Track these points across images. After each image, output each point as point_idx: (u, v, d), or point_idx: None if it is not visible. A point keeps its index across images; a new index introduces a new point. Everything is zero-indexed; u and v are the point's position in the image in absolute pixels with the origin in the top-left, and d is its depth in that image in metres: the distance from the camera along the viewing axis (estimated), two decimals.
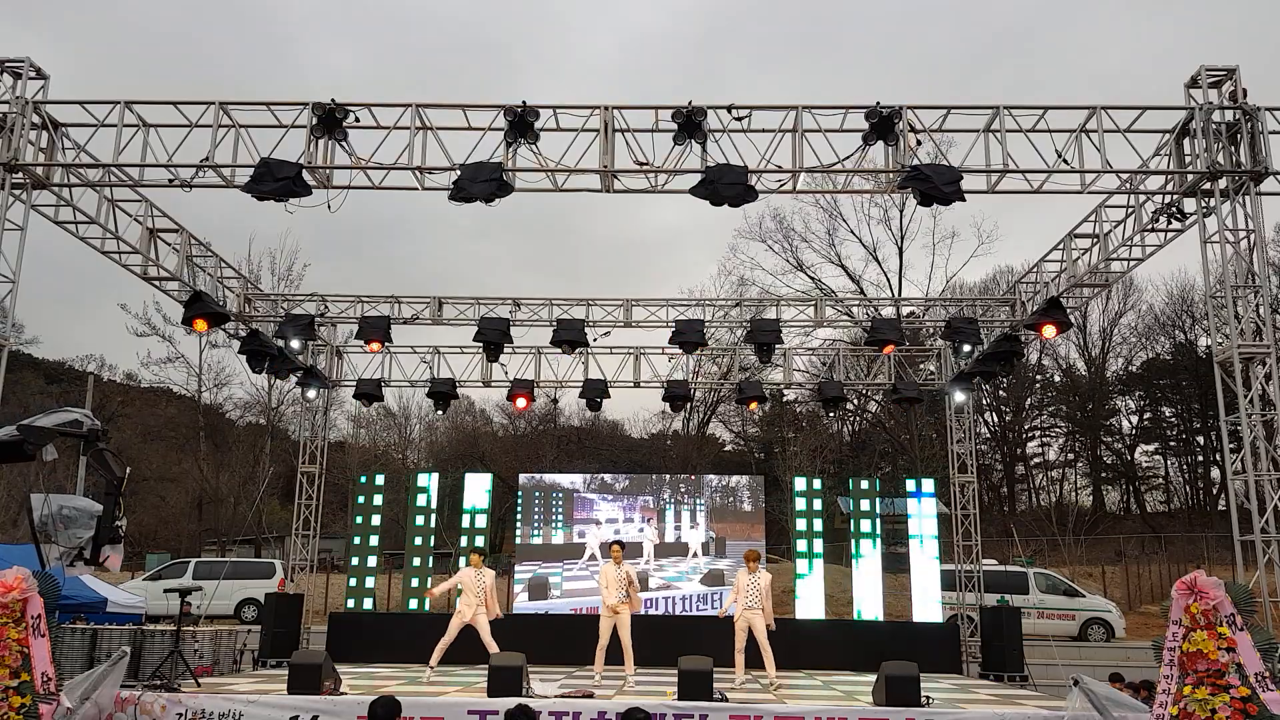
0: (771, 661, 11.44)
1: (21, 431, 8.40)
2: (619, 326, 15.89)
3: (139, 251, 12.66)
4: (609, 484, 18.30)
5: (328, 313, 15.97)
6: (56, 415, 9.10)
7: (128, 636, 12.25)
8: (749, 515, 18.07)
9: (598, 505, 17.76)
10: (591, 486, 18.05)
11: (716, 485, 18.57)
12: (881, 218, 36.07)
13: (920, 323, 27.01)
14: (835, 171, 10.86)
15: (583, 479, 18.31)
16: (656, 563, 17.41)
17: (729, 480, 19.33)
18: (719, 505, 17.93)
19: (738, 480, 19.39)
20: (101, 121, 10.75)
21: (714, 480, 18.97)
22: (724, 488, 18.55)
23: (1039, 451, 43.40)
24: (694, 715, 8.85)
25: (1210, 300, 10.91)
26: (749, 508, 18.19)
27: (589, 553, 17.31)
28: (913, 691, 9.10)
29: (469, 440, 39.81)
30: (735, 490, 18.54)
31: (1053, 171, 10.73)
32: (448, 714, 8.91)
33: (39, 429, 8.51)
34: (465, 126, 10.80)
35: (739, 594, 11.60)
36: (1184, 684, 6.70)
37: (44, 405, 36.41)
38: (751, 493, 18.47)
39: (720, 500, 18.07)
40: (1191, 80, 10.68)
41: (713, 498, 17.94)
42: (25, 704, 6.82)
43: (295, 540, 16.75)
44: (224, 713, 9.00)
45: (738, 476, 20.27)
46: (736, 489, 18.59)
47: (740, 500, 18.22)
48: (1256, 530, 9.65)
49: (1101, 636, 21.04)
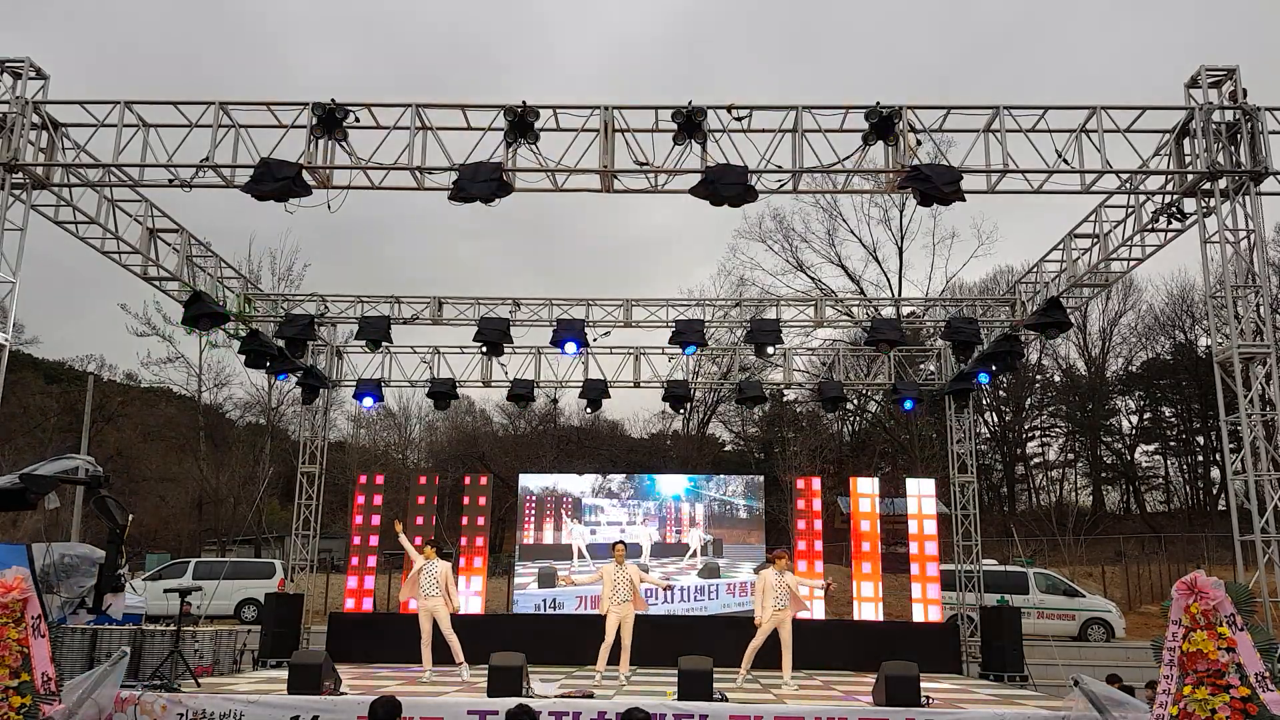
0: (790, 664, 11.39)
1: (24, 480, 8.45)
2: (619, 326, 15.90)
3: (139, 251, 12.66)
4: (609, 484, 18.30)
5: (328, 313, 15.97)
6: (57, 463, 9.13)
7: (128, 636, 12.23)
8: (748, 517, 18.07)
9: (597, 505, 17.76)
10: (594, 488, 18.05)
11: (715, 485, 18.57)
12: (881, 218, 36.12)
13: (920, 323, 27.03)
14: (835, 171, 10.86)
15: (590, 482, 18.28)
16: (656, 560, 17.43)
17: (727, 480, 19.33)
18: (718, 508, 17.94)
19: (737, 480, 19.39)
20: (101, 121, 10.76)
21: (713, 480, 18.97)
22: (723, 488, 18.54)
23: (1039, 451, 43.42)
24: (694, 715, 8.84)
25: (1210, 300, 10.91)
26: (747, 510, 18.18)
27: (576, 551, 17.36)
28: (913, 691, 9.09)
29: (469, 440, 39.80)
30: (734, 491, 18.53)
31: (1053, 171, 10.73)
32: (448, 714, 8.91)
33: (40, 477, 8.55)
34: (465, 126, 10.81)
35: (767, 593, 11.25)
36: (1184, 684, 6.70)
37: (44, 405, 36.41)
38: (751, 493, 18.46)
39: (719, 500, 18.07)
40: (1191, 80, 10.68)
41: (711, 504, 17.94)
42: (25, 704, 6.82)
43: (295, 540, 16.75)
44: (224, 713, 8.99)
45: (737, 477, 20.27)
46: (735, 489, 18.59)
47: (737, 505, 18.20)
48: (1256, 530, 9.65)
49: (1101, 636, 21.04)
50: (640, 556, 17.10)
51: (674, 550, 17.57)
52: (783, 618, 11.24)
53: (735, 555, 17.50)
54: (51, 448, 33.31)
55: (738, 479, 19.20)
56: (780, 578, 11.31)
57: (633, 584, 11.40)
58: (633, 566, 11.68)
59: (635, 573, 11.60)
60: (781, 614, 11.23)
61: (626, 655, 11.44)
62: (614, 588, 11.35)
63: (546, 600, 16.97)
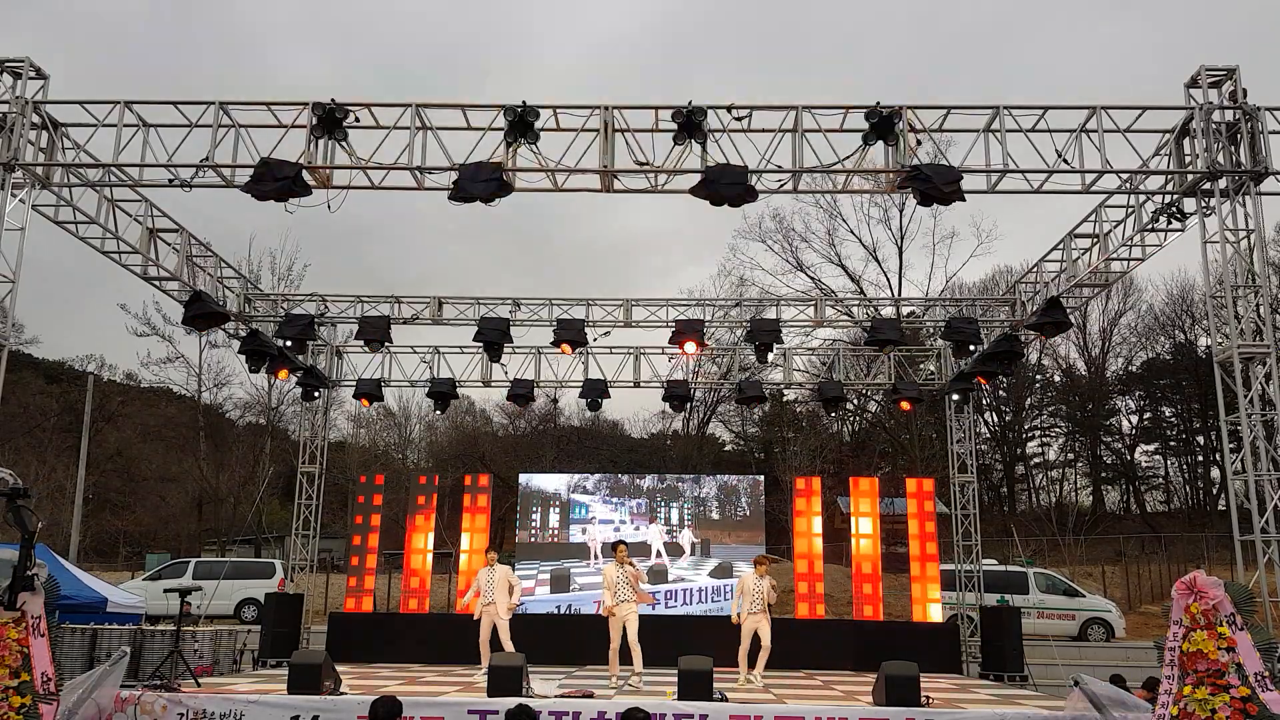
0: (763, 663, 11.69)
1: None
2: (619, 326, 15.89)
3: (139, 251, 12.65)
4: (608, 484, 18.29)
5: (328, 313, 15.96)
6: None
7: (128, 636, 12.26)
8: (748, 517, 18.06)
9: (598, 506, 17.76)
10: (597, 487, 18.03)
11: (715, 486, 18.55)
12: (881, 218, 36.06)
13: (920, 323, 27.01)
14: (835, 171, 10.85)
15: (594, 483, 18.26)
16: (669, 559, 17.42)
17: (727, 480, 19.32)
18: (716, 508, 17.93)
19: (736, 480, 19.38)
20: (101, 121, 10.74)
21: (712, 480, 18.95)
22: (722, 488, 18.52)
23: (1039, 451, 43.43)
24: (694, 715, 8.84)
25: (1210, 300, 10.91)
26: (747, 510, 18.16)
27: (593, 552, 17.33)
28: (913, 691, 9.09)
29: (469, 440, 39.80)
30: (734, 491, 18.51)
31: (1053, 171, 10.72)
32: (448, 714, 8.90)
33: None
34: (465, 126, 10.80)
35: (745, 597, 11.81)
36: (1184, 684, 6.70)
37: (44, 405, 36.36)
38: (750, 493, 18.45)
39: (719, 501, 18.05)
40: (1191, 80, 10.67)
41: (705, 503, 17.91)
42: (25, 704, 6.81)
43: (295, 540, 16.75)
44: (224, 713, 8.99)
45: (736, 477, 20.26)
46: (735, 489, 18.57)
47: (737, 505, 18.18)
48: (1256, 530, 9.65)
49: (1101, 636, 21.04)
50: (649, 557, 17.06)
51: (672, 550, 17.56)
52: (759, 619, 11.69)
53: (735, 555, 17.46)
54: (51, 448, 33.35)
55: (737, 479, 19.18)
56: (759, 582, 11.79)
57: (633, 583, 11.49)
58: (633, 566, 11.74)
59: (638, 571, 11.77)
60: (756, 617, 11.70)
61: (638, 655, 11.41)
62: (616, 588, 11.40)
63: (561, 606, 16.82)
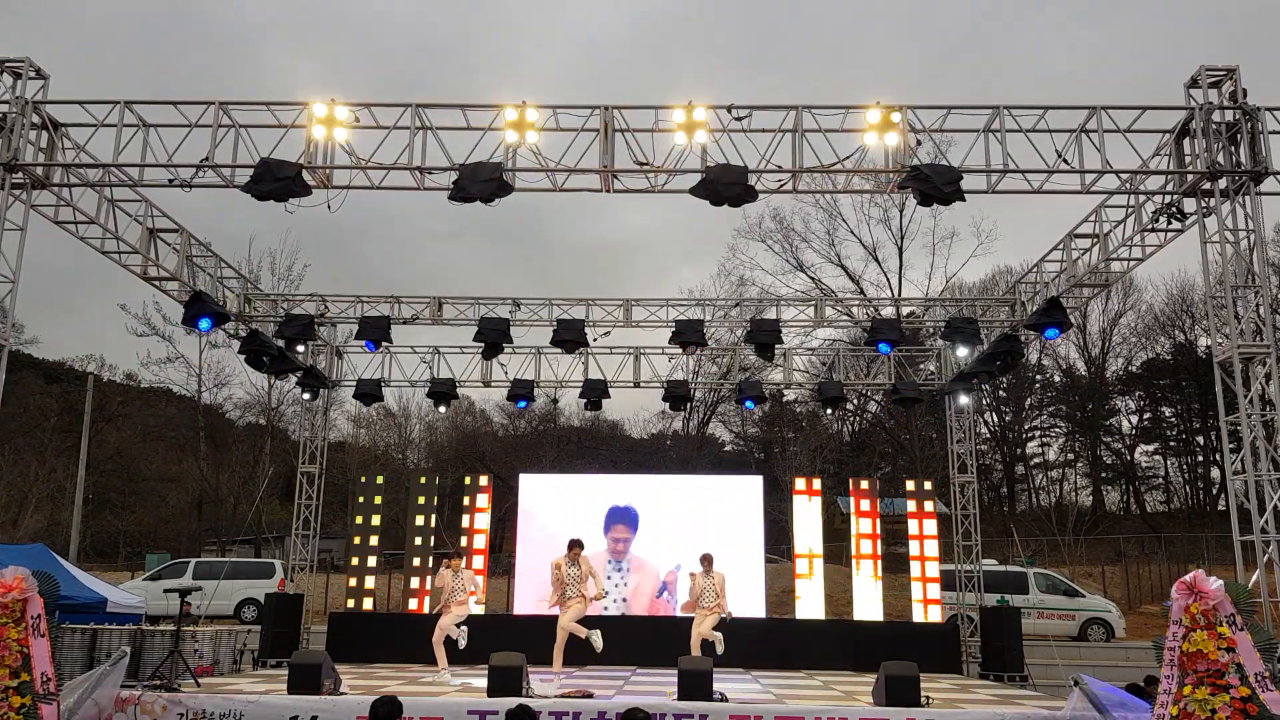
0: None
1: None
2: (619, 326, 15.89)
3: (139, 251, 12.65)
4: (608, 483, 18.28)
5: (328, 313, 15.96)
6: None
7: (128, 636, 12.24)
8: (748, 517, 18.02)
9: (598, 506, 17.74)
10: (597, 487, 18.02)
11: (714, 486, 18.52)
12: (881, 218, 36.01)
13: (920, 323, 27.01)
14: (835, 171, 10.86)
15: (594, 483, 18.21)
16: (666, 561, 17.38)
17: (727, 480, 19.30)
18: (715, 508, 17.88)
19: (735, 480, 19.35)
20: (101, 121, 10.75)
21: (711, 480, 18.93)
22: (721, 488, 18.47)
23: (1039, 451, 43.41)
24: (694, 715, 8.84)
25: (1210, 300, 10.90)
26: (747, 510, 18.12)
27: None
28: (913, 691, 9.09)
29: (469, 440, 39.81)
30: (734, 491, 18.47)
31: (1053, 171, 10.73)
32: (448, 714, 8.91)
33: None
34: (465, 126, 10.81)
35: (699, 595, 12.35)
36: (1184, 684, 6.70)
37: (44, 405, 36.33)
38: (750, 494, 18.40)
39: (717, 501, 18.01)
40: (1191, 80, 10.67)
41: (704, 503, 17.87)
42: (25, 704, 6.81)
43: (295, 540, 16.76)
44: (224, 713, 8.99)
45: (735, 477, 20.23)
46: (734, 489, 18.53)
47: (736, 503, 18.14)
48: (1256, 530, 9.65)
49: (1101, 636, 21.03)
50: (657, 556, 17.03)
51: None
52: (707, 614, 12.33)
53: (735, 555, 17.39)
54: (51, 448, 33.35)
55: (737, 479, 19.14)
56: (709, 579, 12.38)
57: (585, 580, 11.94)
58: (587, 563, 12.11)
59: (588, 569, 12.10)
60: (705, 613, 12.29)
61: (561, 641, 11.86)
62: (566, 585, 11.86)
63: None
